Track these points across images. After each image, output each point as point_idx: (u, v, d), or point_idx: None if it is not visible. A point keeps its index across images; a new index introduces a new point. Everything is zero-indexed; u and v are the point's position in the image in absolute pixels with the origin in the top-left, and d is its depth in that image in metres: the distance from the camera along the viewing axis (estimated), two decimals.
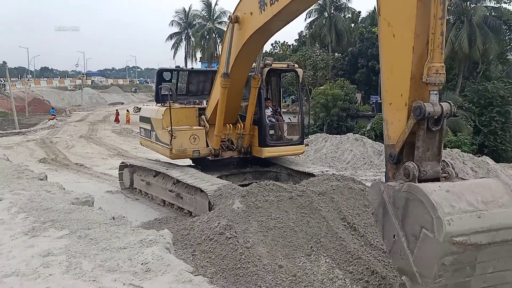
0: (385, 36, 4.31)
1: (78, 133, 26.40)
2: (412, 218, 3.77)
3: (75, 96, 62.05)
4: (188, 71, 11.43)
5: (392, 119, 4.29)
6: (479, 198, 3.73)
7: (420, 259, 3.67)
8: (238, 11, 7.63)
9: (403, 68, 4.14)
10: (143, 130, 10.85)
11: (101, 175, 13.40)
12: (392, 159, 4.26)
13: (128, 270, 3.74)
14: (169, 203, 9.33)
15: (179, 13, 56.31)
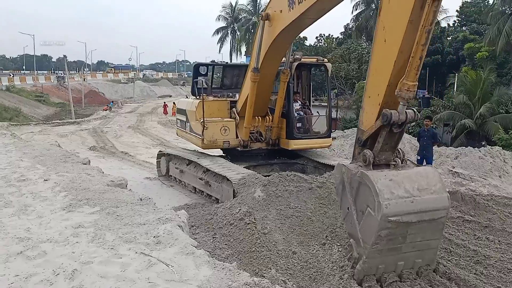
0: (378, 38, 4.84)
1: (127, 124, 27.95)
2: (361, 198, 4.86)
3: (128, 89, 65.09)
4: (223, 66, 11.90)
5: (367, 110, 5.12)
6: (416, 186, 4.70)
7: (364, 229, 4.82)
8: (269, 8, 7.98)
9: (384, 73, 4.74)
10: (179, 121, 11.48)
11: (143, 162, 14.29)
12: (359, 142, 5.23)
13: (142, 241, 4.27)
14: (199, 190, 9.90)
15: (226, 7, 57.38)
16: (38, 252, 4.08)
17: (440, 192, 4.79)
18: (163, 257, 3.88)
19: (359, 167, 4.96)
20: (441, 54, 39.73)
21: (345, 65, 40.62)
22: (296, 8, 6.97)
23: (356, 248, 4.97)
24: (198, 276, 3.56)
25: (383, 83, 4.76)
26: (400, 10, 4.46)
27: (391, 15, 4.62)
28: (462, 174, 11.18)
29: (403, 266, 4.94)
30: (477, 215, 7.08)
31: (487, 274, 5.15)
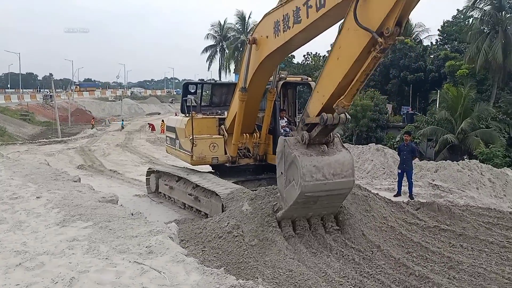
0: (334, 54, 5.87)
1: (115, 142, 28.02)
2: (291, 171, 6.52)
3: (115, 107, 65.05)
4: (212, 84, 12.26)
5: (314, 101, 6.37)
6: (332, 171, 6.40)
7: (287, 193, 6.66)
8: (256, 33, 8.28)
9: (332, 83, 5.87)
10: (169, 138, 11.71)
11: (132, 180, 14.45)
12: (303, 122, 6.56)
13: (135, 252, 4.53)
14: (188, 206, 10.12)
15: (214, 26, 58.25)
16: (36, 264, 4.31)
17: (349, 176, 6.56)
18: (155, 265, 4.15)
19: (297, 144, 6.50)
20: (424, 72, 40.87)
21: None
22: (281, 36, 7.29)
23: (280, 201, 6.90)
24: (188, 281, 3.83)
25: (328, 90, 5.96)
26: (354, 45, 5.46)
27: (347, 41, 5.59)
28: (441, 187, 11.65)
29: (311, 215, 7.03)
30: (453, 224, 7.49)
31: (459, 278, 5.50)
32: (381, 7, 5.18)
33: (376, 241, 6.76)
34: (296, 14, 6.77)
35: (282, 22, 7.12)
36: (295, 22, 6.79)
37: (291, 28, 6.92)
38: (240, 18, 54.91)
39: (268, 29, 7.69)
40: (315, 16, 6.37)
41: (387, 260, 6.16)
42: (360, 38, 5.38)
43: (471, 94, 30.35)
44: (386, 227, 7.29)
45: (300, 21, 6.67)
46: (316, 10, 6.30)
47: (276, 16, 7.32)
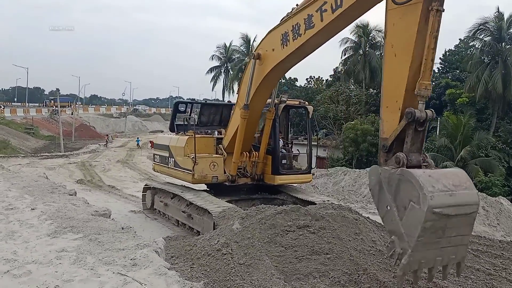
0: (388, 55, 5.60)
1: (116, 158, 28.26)
2: (402, 194, 5.11)
3: (119, 123, 65.73)
4: (201, 104, 12.48)
5: (387, 118, 5.61)
6: (451, 182, 5.09)
7: (407, 224, 5.03)
8: (260, 49, 8.65)
9: (400, 81, 5.41)
10: (159, 156, 11.78)
11: (129, 196, 14.59)
12: (384, 149, 5.60)
13: (120, 263, 4.66)
14: (182, 223, 10.22)
15: (220, 48, 59.46)
16: (23, 271, 4.44)
17: (471, 188, 5.27)
18: (137, 276, 4.27)
19: (393, 169, 5.31)
20: None
21: (334, 106, 41.97)
22: (291, 44, 7.68)
23: (399, 243, 5.14)
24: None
25: (400, 90, 5.42)
26: (407, 28, 5.27)
27: (398, 34, 5.41)
28: None
29: (440, 262, 5.28)
30: None
31: None
32: None
33: (364, 264, 6.79)
34: (308, 21, 7.18)
35: (292, 32, 7.54)
36: (307, 28, 7.19)
37: (303, 35, 7.31)
38: (244, 41, 56.04)
39: (274, 42, 8.09)
40: (330, 18, 6.74)
41: (372, 283, 6.19)
42: (411, 15, 5.27)
43: (470, 123, 30.62)
44: (374, 251, 7.32)
45: (313, 26, 7.06)
46: (331, 11, 6.66)
47: (283, 28, 7.78)
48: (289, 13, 8.02)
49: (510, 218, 11.97)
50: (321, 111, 42.03)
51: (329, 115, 41.86)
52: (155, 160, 12.22)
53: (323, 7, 6.81)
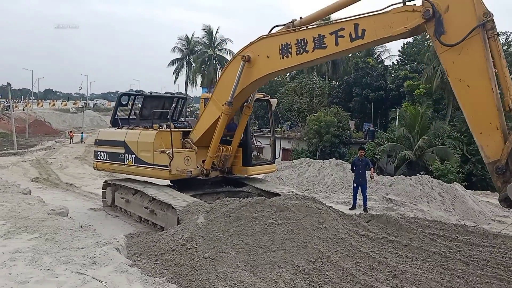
0: (460, 88, 5.76)
1: (73, 155, 27.24)
2: None
3: (77, 118, 63.35)
4: (144, 96, 12.00)
5: (487, 143, 5.65)
6: None
7: None
8: (250, 51, 8.37)
9: (487, 104, 5.57)
10: (106, 153, 11.15)
11: (88, 194, 14.11)
12: (500, 171, 5.53)
13: (78, 262, 4.48)
14: (144, 219, 9.99)
15: (181, 40, 58.22)
16: None
17: None
18: (97, 275, 4.12)
19: None
20: (385, 90, 42.47)
21: (297, 98, 42.39)
22: (293, 58, 7.59)
23: None
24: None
25: (492, 112, 5.54)
26: (472, 61, 5.60)
27: (463, 68, 5.67)
28: (394, 200, 12.10)
29: None
30: (400, 236, 7.80)
31: (401, 287, 5.74)
32: (464, 13, 5.66)
33: (327, 252, 6.93)
34: (319, 41, 7.16)
35: (295, 45, 7.48)
36: (316, 47, 7.18)
37: (311, 53, 7.28)
38: (207, 33, 55.25)
39: (270, 50, 7.97)
40: (348, 46, 6.84)
41: (335, 270, 6.32)
42: (473, 49, 5.59)
43: (428, 113, 31.81)
44: (337, 239, 7.48)
45: (325, 47, 7.07)
46: (350, 40, 6.74)
47: (284, 39, 7.68)
48: (289, 24, 8.00)
49: (464, 203, 12.56)
50: (285, 103, 42.33)
51: (293, 107, 42.27)
52: (99, 158, 11.45)
53: (339, 32, 6.85)
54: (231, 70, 8.87)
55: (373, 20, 6.49)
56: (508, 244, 7.65)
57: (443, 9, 5.85)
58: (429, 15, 5.87)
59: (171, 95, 12.53)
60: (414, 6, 6.14)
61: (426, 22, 5.95)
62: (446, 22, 5.83)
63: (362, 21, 6.60)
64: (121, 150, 10.58)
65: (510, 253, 7.26)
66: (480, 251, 7.34)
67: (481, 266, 6.60)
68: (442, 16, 5.84)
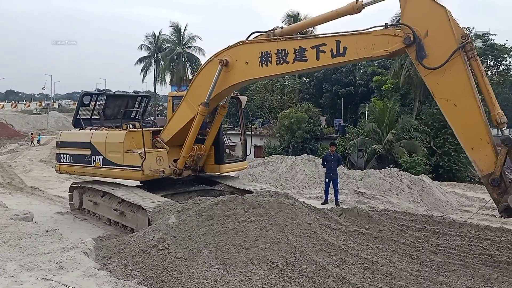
0: (448, 108, 6.11)
1: (38, 157, 26.26)
2: None
3: (41, 120, 61.09)
4: (106, 96, 11.69)
5: (480, 157, 5.98)
6: None
7: None
8: (228, 56, 8.28)
9: (475, 121, 5.93)
10: (69, 155, 10.76)
11: (55, 197, 13.64)
12: (495, 183, 5.86)
13: (44, 268, 4.31)
14: (114, 222, 9.74)
15: (148, 37, 57.03)
16: None
17: None
18: (64, 280, 3.97)
19: None
20: (354, 86, 43.23)
21: (269, 95, 42.48)
22: (273, 67, 7.59)
23: None
24: None
25: (480, 128, 5.91)
26: (456, 81, 5.95)
27: (448, 88, 6.01)
28: (365, 194, 12.33)
29: None
30: (371, 228, 7.95)
31: (373, 277, 5.85)
32: (444, 37, 5.97)
33: (300, 247, 6.98)
34: (300, 53, 7.23)
35: (276, 55, 7.50)
36: (297, 59, 7.25)
37: (291, 64, 7.34)
38: (175, 30, 54.44)
39: (249, 56, 7.94)
40: (328, 62, 7.00)
41: (308, 264, 6.37)
42: (455, 70, 5.93)
43: (395, 107, 32.58)
44: (310, 233, 7.55)
45: (306, 60, 7.16)
46: (331, 56, 6.89)
47: (264, 47, 7.69)
48: (269, 32, 8.00)
49: (431, 194, 12.93)
50: (256, 100, 42.34)
51: (265, 104, 42.35)
52: (62, 160, 10.98)
53: (321, 47, 6.98)
54: (207, 72, 8.77)
55: (355, 40, 6.66)
56: (474, 232, 7.93)
57: (422, 34, 6.11)
58: (409, 41, 6.11)
59: (134, 94, 12.28)
60: (395, 31, 6.35)
61: (407, 47, 6.19)
62: (427, 46, 6.10)
63: (344, 39, 6.77)
64: (86, 151, 10.22)
65: (475, 241, 7.53)
66: (447, 240, 7.57)
67: (448, 255, 6.81)
68: (423, 41, 6.11)
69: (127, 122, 10.44)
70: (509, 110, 62.02)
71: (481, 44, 36.05)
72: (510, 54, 36.68)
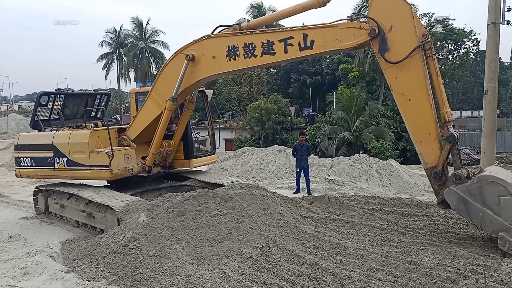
0: (402, 102, 6.40)
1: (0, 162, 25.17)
2: (489, 195, 5.90)
3: (0, 123, 58.38)
4: (65, 95, 11.26)
5: (426, 150, 6.36)
6: (505, 173, 6.38)
7: (507, 215, 5.78)
8: (194, 50, 8.13)
9: (426, 117, 6.24)
10: (30, 159, 10.37)
11: (19, 202, 13.12)
12: (437, 176, 6.31)
13: (8, 275, 4.15)
14: (82, 224, 9.46)
15: (109, 33, 55.26)
16: None
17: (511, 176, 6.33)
18: (30, 285, 3.82)
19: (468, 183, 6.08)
20: (321, 75, 43.68)
21: (237, 87, 42.29)
22: (241, 61, 7.56)
23: (509, 235, 5.80)
24: None
25: (430, 124, 6.23)
26: (413, 77, 6.22)
27: (405, 83, 6.27)
28: (336, 181, 12.52)
29: None
30: (342, 214, 8.08)
31: (345, 262, 5.94)
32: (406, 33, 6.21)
33: (273, 236, 7.00)
34: (268, 47, 7.26)
35: (243, 49, 7.48)
36: (265, 53, 7.28)
37: (259, 57, 7.36)
38: (137, 25, 53.13)
39: (216, 50, 7.86)
40: (296, 54, 7.08)
41: (282, 253, 6.40)
42: (413, 66, 6.18)
43: (362, 94, 33.16)
44: (282, 223, 7.58)
45: (274, 53, 7.20)
46: (298, 49, 6.97)
47: (231, 41, 7.63)
48: (235, 26, 7.96)
49: (399, 178, 13.30)
50: (224, 93, 42.10)
51: (233, 97, 42.17)
52: (22, 164, 10.57)
53: (288, 40, 7.04)
54: (173, 67, 8.61)
55: (322, 33, 6.79)
56: (440, 212, 8.18)
57: (387, 28, 6.34)
58: (374, 33, 6.32)
59: (93, 92, 11.89)
60: (361, 24, 6.56)
61: (372, 39, 6.38)
62: (389, 41, 6.33)
63: (311, 32, 6.87)
64: (49, 153, 9.84)
65: (442, 220, 7.79)
66: (415, 221, 7.80)
67: (417, 235, 7.01)
68: (386, 35, 6.34)
69: (88, 121, 10.12)
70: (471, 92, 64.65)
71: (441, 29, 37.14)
72: (469, 38, 37.97)
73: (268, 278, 5.65)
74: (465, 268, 5.42)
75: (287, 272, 5.79)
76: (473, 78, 60.28)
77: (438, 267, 5.49)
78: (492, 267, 5.42)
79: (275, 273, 5.82)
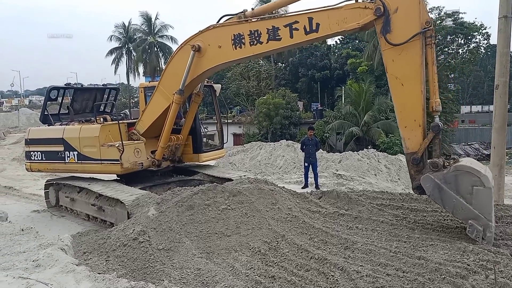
0: (395, 85, 6.40)
1: (11, 156, 25.46)
2: (463, 184, 6.07)
3: (11, 118, 59.07)
4: (74, 89, 11.37)
5: (409, 136, 6.46)
6: (479, 165, 6.39)
7: (478, 204, 5.98)
8: (200, 41, 8.17)
9: (415, 104, 6.30)
10: (40, 153, 10.47)
11: (30, 196, 13.32)
12: (415, 162, 6.46)
13: (21, 267, 4.23)
14: (92, 217, 9.59)
15: (118, 27, 55.52)
16: None
17: (485, 168, 6.50)
18: (42, 277, 3.89)
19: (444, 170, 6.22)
20: (329, 70, 43.45)
21: (245, 82, 42.30)
22: (248, 49, 7.55)
23: (478, 223, 6.00)
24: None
25: (417, 110, 6.28)
26: (409, 62, 6.18)
27: (401, 67, 6.24)
28: (344, 176, 12.49)
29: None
30: (350, 209, 8.07)
31: (353, 256, 5.94)
32: (410, 17, 6.15)
33: (281, 231, 7.02)
34: (273, 33, 7.25)
35: (249, 36, 7.49)
36: (271, 39, 7.28)
37: (265, 44, 7.36)
38: (145, 19, 53.26)
39: (221, 40, 7.87)
40: (302, 39, 7.06)
41: (290, 248, 6.42)
42: (411, 52, 6.13)
43: (371, 89, 32.97)
44: (291, 217, 7.60)
45: (279, 39, 7.20)
46: (304, 33, 6.97)
47: (236, 30, 7.65)
48: (240, 14, 7.88)
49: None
50: (233, 88, 42.13)
51: (241, 91, 42.19)
52: (33, 158, 10.66)
53: (293, 25, 7.02)
54: (179, 59, 8.63)
55: (327, 15, 6.75)
56: None
57: (392, 9, 6.30)
58: (380, 12, 6.28)
59: (102, 87, 11.99)
60: (366, 3, 6.51)
61: (376, 19, 6.35)
62: (393, 22, 6.30)
63: (316, 15, 6.84)
64: (59, 147, 9.95)
65: (451, 215, 7.73)
66: (424, 216, 7.75)
67: (426, 230, 6.98)
68: (391, 16, 6.30)
69: (97, 116, 10.21)
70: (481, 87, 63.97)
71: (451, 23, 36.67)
72: (479, 32, 37.46)
73: (277, 272, 5.68)
74: (475, 264, 5.39)
75: (295, 267, 5.81)
76: (484, 72, 59.54)
77: (448, 262, 5.47)
78: (502, 263, 5.38)
79: (283, 268, 5.84)
